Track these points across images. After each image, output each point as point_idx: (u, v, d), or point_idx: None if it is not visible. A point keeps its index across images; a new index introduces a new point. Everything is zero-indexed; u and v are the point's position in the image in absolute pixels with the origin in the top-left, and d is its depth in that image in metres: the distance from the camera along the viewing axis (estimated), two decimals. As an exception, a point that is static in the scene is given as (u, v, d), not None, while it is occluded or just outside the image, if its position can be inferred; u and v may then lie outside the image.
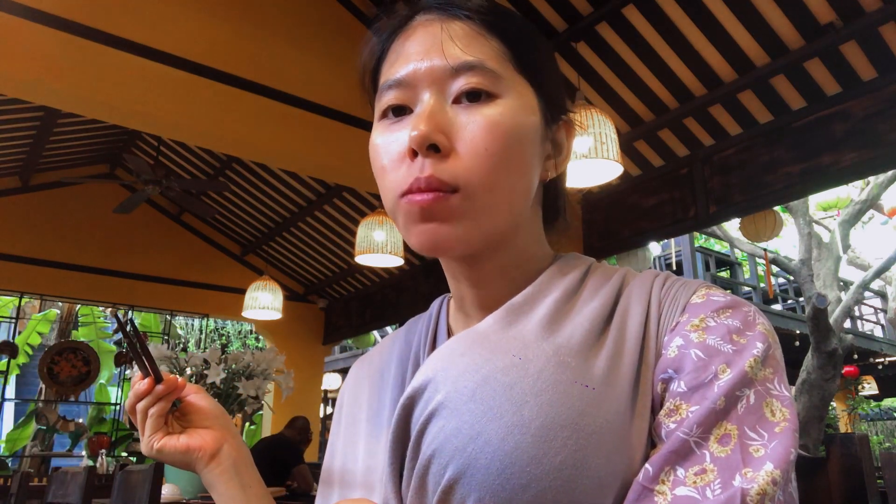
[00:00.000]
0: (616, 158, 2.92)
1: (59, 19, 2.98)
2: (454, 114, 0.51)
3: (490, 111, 0.51)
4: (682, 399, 0.45)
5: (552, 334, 0.49)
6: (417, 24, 0.54)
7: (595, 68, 3.57)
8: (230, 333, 13.12)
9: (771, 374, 0.46)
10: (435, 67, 0.51)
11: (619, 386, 0.47)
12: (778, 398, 0.45)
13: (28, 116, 4.92)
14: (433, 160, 0.50)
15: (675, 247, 9.03)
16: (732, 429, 0.43)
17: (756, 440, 0.42)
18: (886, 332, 10.93)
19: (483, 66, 0.51)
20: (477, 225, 0.51)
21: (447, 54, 0.51)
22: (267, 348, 3.63)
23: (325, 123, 3.71)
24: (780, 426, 0.43)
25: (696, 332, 0.48)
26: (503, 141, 0.50)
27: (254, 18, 3.68)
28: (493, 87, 0.51)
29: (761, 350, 0.46)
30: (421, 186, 0.50)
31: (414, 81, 0.52)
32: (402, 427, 0.49)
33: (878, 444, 10.57)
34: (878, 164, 3.05)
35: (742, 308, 0.49)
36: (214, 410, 0.68)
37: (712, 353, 0.46)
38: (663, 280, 0.54)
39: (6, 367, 6.94)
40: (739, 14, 3.02)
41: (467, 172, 0.49)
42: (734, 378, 0.44)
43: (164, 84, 3.26)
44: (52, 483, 2.50)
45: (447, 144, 0.50)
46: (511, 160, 0.51)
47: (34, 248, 5.80)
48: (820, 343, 6.02)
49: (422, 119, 0.50)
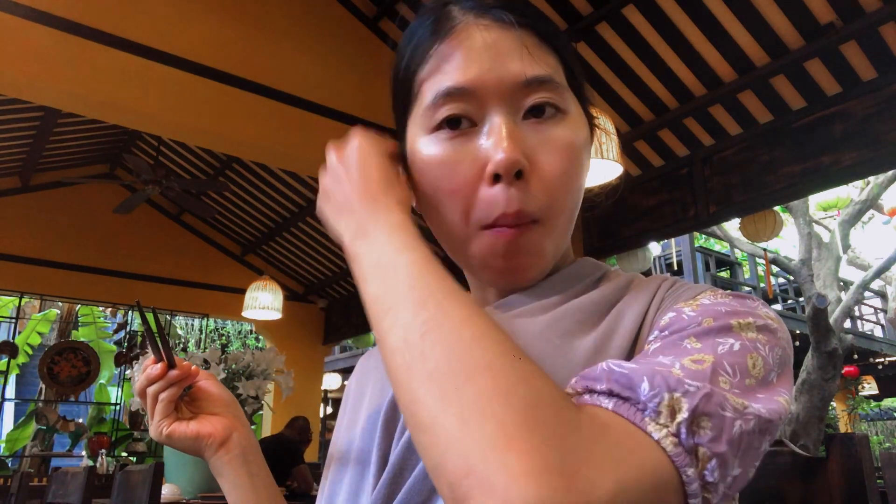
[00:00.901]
0: (616, 158, 2.92)
1: (59, 19, 2.98)
2: (526, 131, 0.48)
3: (562, 131, 0.49)
4: (659, 338, 0.43)
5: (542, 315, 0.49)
6: (469, 28, 0.49)
7: (595, 68, 3.56)
8: (230, 333, 13.12)
9: (764, 340, 0.42)
10: (505, 79, 0.48)
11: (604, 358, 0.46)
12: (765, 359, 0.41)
13: (28, 116, 4.91)
14: (518, 189, 0.47)
15: (675, 247, 9.03)
16: (708, 358, 0.39)
17: (728, 376, 0.39)
18: (886, 332, 10.93)
19: (553, 81, 0.49)
20: (554, 253, 0.51)
21: (520, 64, 0.48)
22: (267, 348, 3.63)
23: (325, 123, 3.71)
24: (749, 380, 0.40)
25: (688, 307, 0.45)
26: (575, 162, 0.49)
27: (254, 18, 3.68)
28: (562, 102, 0.49)
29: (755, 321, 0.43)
30: (509, 222, 0.47)
31: (481, 92, 0.48)
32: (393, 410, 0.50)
33: (878, 444, 10.57)
34: (878, 164, 3.05)
35: (747, 300, 0.47)
36: (225, 398, 0.68)
37: (702, 311, 0.44)
38: (671, 283, 0.53)
39: (6, 367, 6.94)
40: (739, 14, 3.02)
41: (548, 200, 0.48)
42: (715, 325, 0.42)
43: (164, 84, 3.26)
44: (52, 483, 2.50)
45: (529, 169, 0.47)
46: (578, 181, 0.50)
47: (34, 248, 5.80)
48: (820, 343, 6.02)
49: (506, 140, 0.46)
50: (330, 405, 11.73)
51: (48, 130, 5.18)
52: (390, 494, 0.46)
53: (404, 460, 0.46)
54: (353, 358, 11.17)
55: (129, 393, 6.32)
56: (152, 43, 3.23)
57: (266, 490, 0.67)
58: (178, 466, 2.63)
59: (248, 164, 5.43)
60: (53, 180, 5.92)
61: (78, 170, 6.21)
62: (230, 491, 0.66)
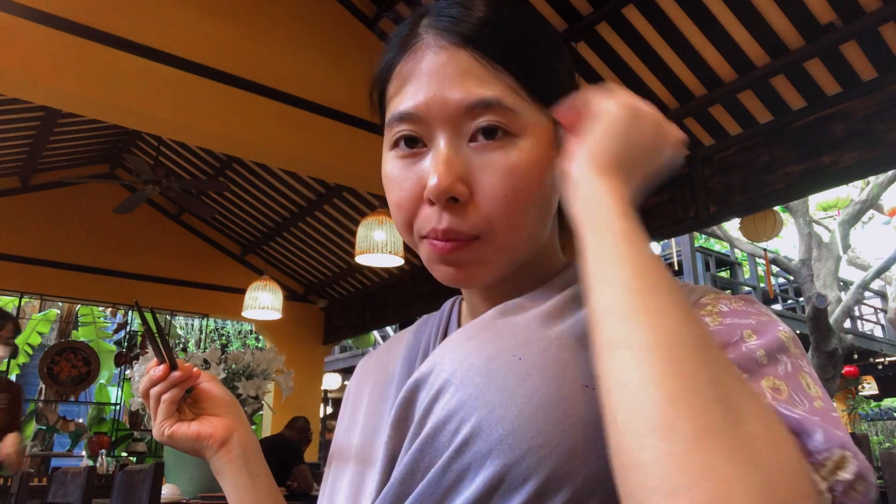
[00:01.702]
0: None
1: (59, 19, 2.98)
2: (470, 155, 0.49)
3: (507, 155, 0.49)
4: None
5: (555, 323, 0.49)
6: (426, 46, 0.51)
7: (595, 68, 3.57)
8: (230, 333, 13.12)
9: (801, 355, 0.44)
10: (449, 104, 0.49)
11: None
12: (811, 376, 0.43)
13: (28, 116, 4.92)
14: (451, 212, 0.49)
15: (675, 247, 9.04)
16: (781, 384, 0.41)
17: (801, 404, 0.40)
18: (886, 332, 10.94)
19: (499, 104, 0.48)
20: (498, 265, 0.52)
21: (462, 90, 0.48)
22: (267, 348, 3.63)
23: (325, 123, 3.71)
24: (817, 401, 0.41)
25: (710, 317, 0.47)
26: (523, 185, 0.49)
27: (254, 18, 3.68)
28: (509, 125, 0.49)
29: (787, 331, 0.45)
30: (438, 237, 0.49)
31: (427, 117, 0.49)
32: (405, 408, 0.49)
33: (878, 444, 10.57)
34: (878, 164, 3.05)
35: (755, 304, 0.49)
36: (226, 399, 0.69)
37: (734, 326, 0.45)
38: None
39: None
40: (739, 14, 3.02)
41: (487, 221, 0.49)
42: (770, 340, 0.43)
43: (164, 84, 3.26)
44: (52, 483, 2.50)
45: (466, 194, 0.48)
46: (530, 201, 0.50)
47: (34, 248, 5.81)
48: (820, 343, 6.03)
49: (439, 168, 0.48)
50: (330, 405, 11.74)
51: (48, 130, 5.18)
52: (401, 495, 0.46)
53: (417, 462, 0.46)
54: (353, 358, 11.18)
55: (129, 393, 6.32)
56: (152, 43, 3.23)
57: (267, 490, 0.67)
58: (178, 466, 2.63)
59: (248, 164, 5.43)
60: (53, 180, 5.93)
61: (78, 170, 6.21)
62: (231, 491, 0.66)
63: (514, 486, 0.41)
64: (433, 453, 0.45)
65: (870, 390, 10.93)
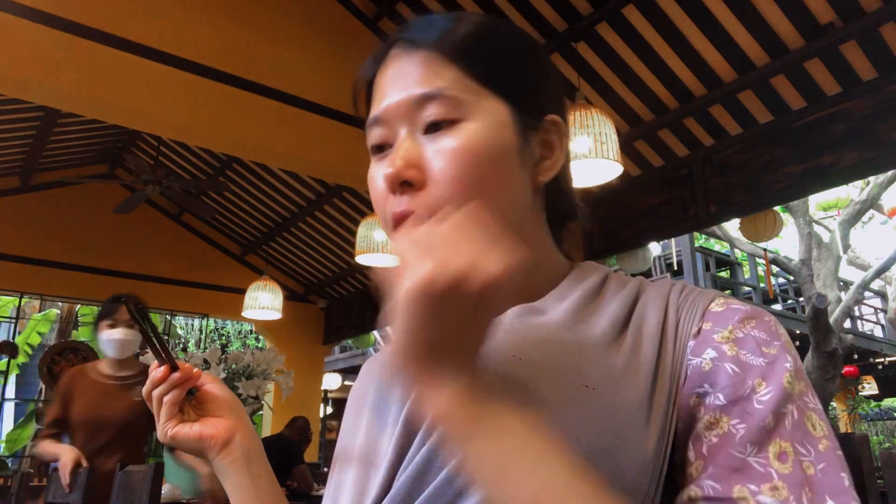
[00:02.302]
0: (616, 158, 2.92)
1: (59, 19, 2.98)
2: (425, 144, 0.52)
3: (453, 138, 0.52)
4: (722, 412, 0.46)
5: (574, 327, 0.50)
6: (391, 59, 0.56)
7: (595, 68, 3.57)
8: (230, 333, 13.12)
9: (805, 387, 0.47)
10: (401, 102, 0.53)
11: (636, 380, 0.47)
12: (815, 411, 0.46)
13: (28, 116, 4.92)
14: (409, 195, 0.52)
15: (675, 247, 9.04)
16: (787, 446, 0.43)
17: (806, 456, 0.43)
18: (886, 332, 10.93)
19: (441, 94, 0.52)
20: None
21: (412, 87, 0.53)
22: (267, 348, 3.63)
23: (325, 123, 3.71)
24: (822, 443, 0.44)
25: (727, 345, 0.48)
26: (470, 165, 0.51)
27: (254, 18, 3.68)
28: (454, 112, 0.52)
29: (792, 364, 0.47)
30: (396, 221, 0.53)
31: (389, 118, 0.54)
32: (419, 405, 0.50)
33: (878, 444, 10.57)
34: (878, 164, 3.05)
35: (764, 318, 0.50)
36: (229, 400, 0.70)
37: (746, 368, 0.47)
38: (680, 288, 0.55)
39: (6, 367, 6.94)
40: (739, 14, 3.02)
41: (440, 202, 0.51)
42: (777, 395, 0.45)
43: (164, 84, 3.26)
44: (52, 483, 2.50)
45: (420, 178, 0.52)
46: (483, 181, 0.51)
47: (34, 248, 5.80)
48: (820, 343, 6.03)
49: (393, 157, 0.53)
50: (330, 405, 11.74)
51: (48, 130, 5.18)
52: (411, 494, 0.47)
53: (429, 462, 0.46)
54: (353, 358, 11.17)
55: (129, 393, 6.31)
56: (152, 43, 3.23)
57: (269, 491, 0.67)
58: (178, 466, 2.63)
59: (248, 164, 5.43)
60: (53, 180, 5.92)
61: (78, 170, 6.21)
62: (232, 492, 0.67)
63: None
64: (447, 454, 0.45)
65: (870, 390, 10.93)
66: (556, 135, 0.57)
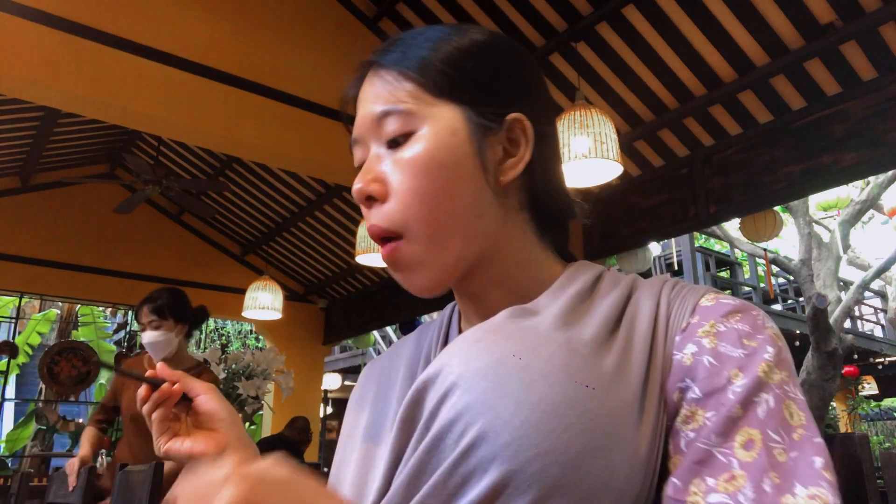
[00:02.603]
0: (616, 158, 2.92)
1: (59, 19, 2.98)
2: (389, 159, 0.55)
3: (407, 151, 0.53)
4: (698, 405, 0.46)
5: (564, 328, 0.50)
6: (365, 80, 0.58)
7: (595, 68, 3.57)
8: (230, 333, 13.12)
9: (786, 377, 0.47)
10: (366, 121, 0.56)
11: (628, 380, 0.47)
12: (795, 401, 0.46)
13: (28, 116, 4.92)
14: (374, 210, 0.55)
15: (675, 247, 9.04)
16: (755, 433, 0.44)
17: (779, 443, 0.43)
18: (886, 332, 10.93)
19: (395, 110, 0.54)
20: (435, 264, 0.54)
21: (371, 106, 0.56)
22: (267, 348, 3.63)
23: (325, 123, 3.71)
24: (797, 432, 0.44)
25: (707, 338, 0.49)
26: (423, 175, 0.53)
27: (254, 18, 3.68)
28: (409, 125, 0.54)
29: (772, 354, 0.47)
30: (372, 236, 0.55)
31: (361, 137, 0.57)
32: (413, 408, 0.49)
33: (878, 444, 10.57)
34: (878, 164, 3.05)
35: (751, 312, 0.50)
36: (222, 413, 0.67)
37: (724, 360, 0.47)
38: (672, 284, 0.55)
39: (6, 367, 6.95)
40: (739, 14, 3.02)
41: (402, 215, 0.53)
42: (749, 384, 0.45)
43: (164, 84, 3.26)
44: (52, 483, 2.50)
45: (383, 191, 0.54)
46: (439, 189, 0.53)
47: (34, 248, 5.80)
48: (820, 343, 6.02)
49: (359, 175, 0.55)
50: (330, 405, 11.73)
51: (48, 130, 5.18)
52: (408, 495, 0.47)
53: (424, 463, 0.46)
54: (352, 358, 11.17)
55: (129, 393, 6.32)
56: (152, 43, 3.23)
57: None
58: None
59: (248, 164, 5.43)
60: (53, 180, 5.92)
61: (78, 170, 6.21)
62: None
63: (517, 491, 0.42)
64: (440, 455, 0.45)
65: (870, 390, 10.93)
66: (520, 132, 0.56)
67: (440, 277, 0.55)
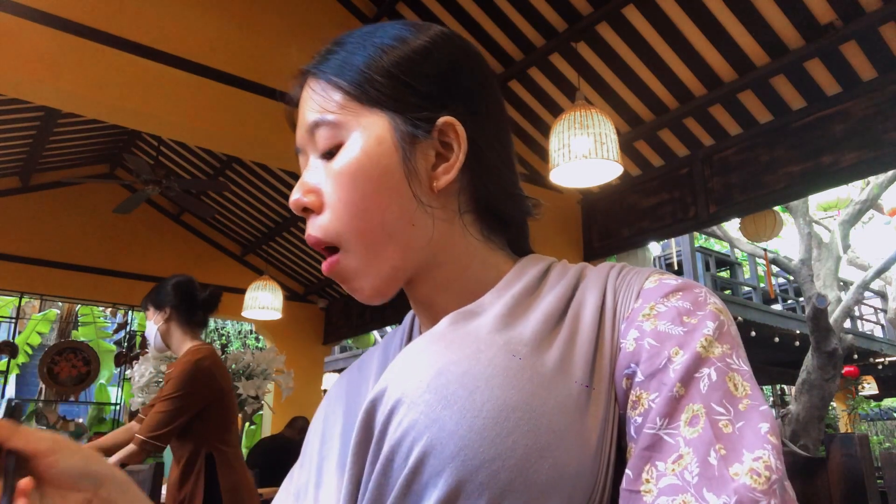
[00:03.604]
0: (616, 158, 2.92)
1: (59, 19, 2.98)
2: (321, 170, 0.55)
3: (336, 162, 0.54)
4: (641, 388, 0.46)
5: (505, 329, 0.49)
6: (303, 89, 0.58)
7: (595, 68, 3.56)
8: (230, 333, 13.12)
9: (728, 349, 0.46)
10: (302, 132, 0.56)
11: (571, 372, 0.47)
12: (738, 372, 0.45)
13: (28, 116, 4.91)
14: (311, 220, 0.55)
15: (675, 247, 9.03)
16: (699, 408, 0.43)
17: (723, 415, 0.43)
18: (886, 332, 10.93)
19: (324, 120, 0.54)
20: (373, 274, 0.55)
21: (305, 117, 0.56)
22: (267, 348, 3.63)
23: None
24: (742, 402, 0.44)
25: (648, 321, 0.48)
26: (352, 186, 0.53)
27: (254, 18, 3.68)
28: (338, 136, 0.54)
29: (713, 328, 0.47)
30: (312, 246, 0.56)
31: (302, 147, 0.57)
32: (364, 430, 0.48)
33: (878, 444, 10.58)
34: (878, 164, 3.05)
35: (693, 290, 0.50)
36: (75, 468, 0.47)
37: (663, 339, 0.47)
38: (619, 270, 0.54)
39: (6, 367, 6.95)
40: (739, 14, 3.02)
41: (335, 226, 0.54)
42: (688, 360, 0.45)
43: (164, 84, 3.26)
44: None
45: (317, 203, 0.55)
46: (366, 200, 0.53)
47: (34, 248, 5.80)
48: (820, 343, 6.02)
49: (296, 186, 0.56)
50: (330, 405, 11.71)
51: (48, 130, 5.18)
52: None
53: (381, 486, 0.46)
54: (353, 358, 11.17)
55: (130, 393, 6.32)
56: (152, 43, 3.23)
57: None
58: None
59: (248, 164, 5.43)
60: (53, 180, 5.92)
61: (78, 170, 6.21)
62: None
63: (469, 500, 0.41)
64: (394, 475, 0.45)
65: (870, 390, 10.93)
66: (453, 136, 0.54)
67: (379, 287, 0.55)
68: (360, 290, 0.56)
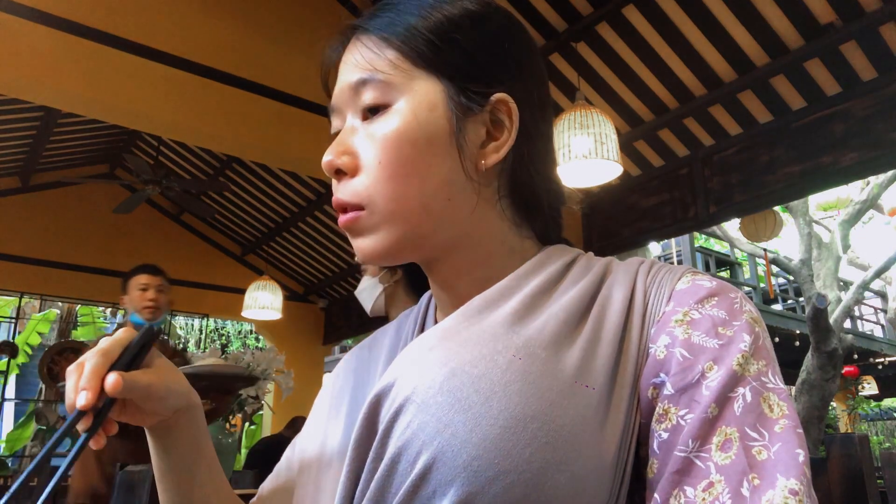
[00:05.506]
0: (616, 158, 2.92)
1: (59, 19, 2.98)
2: (362, 131, 0.53)
3: (380, 124, 0.51)
4: (671, 402, 0.44)
5: (524, 326, 0.47)
6: (349, 44, 0.56)
7: (595, 68, 3.56)
8: (230, 333, 13.12)
9: (764, 366, 0.44)
10: (344, 89, 0.54)
11: (592, 377, 0.44)
12: (774, 391, 0.43)
13: (28, 116, 4.91)
14: (342, 183, 0.53)
15: (675, 247, 9.04)
16: (732, 432, 0.41)
17: (757, 440, 0.41)
18: (886, 332, 10.94)
19: (373, 79, 0.52)
20: (389, 234, 0.52)
21: (350, 74, 0.53)
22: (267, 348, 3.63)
23: (325, 123, 3.70)
24: (779, 424, 0.41)
25: (680, 328, 0.46)
26: (394, 151, 0.50)
27: (254, 18, 3.68)
28: (386, 97, 0.51)
29: (749, 343, 0.44)
30: (336, 208, 0.54)
31: (339, 106, 0.55)
32: (367, 425, 0.47)
33: (878, 444, 10.58)
34: (878, 164, 3.05)
35: (728, 294, 0.47)
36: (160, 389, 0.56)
37: (697, 351, 0.44)
38: (649, 266, 0.52)
39: (6, 367, 6.95)
40: (739, 14, 3.02)
41: (367, 189, 0.51)
42: (723, 378, 0.43)
43: (164, 84, 3.26)
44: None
45: (352, 165, 0.52)
46: (408, 166, 0.50)
47: (34, 248, 5.80)
48: (820, 343, 6.02)
49: (331, 147, 0.53)
50: (330, 405, 11.71)
51: (48, 130, 5.17)
52: None
53: (384, 489, 0.44)
54: (353, 358, 11.17)
55: (129, 393, 6.31)
56: (152, 43, 3.23)
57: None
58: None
59: (248, 164, 5.43)
60: (53, 180, 5.92)
61: (78, 170, 6.21)
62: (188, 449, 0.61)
63: None
64: (398, 479, 0.43)
65: (870, 390, 10.93)
66: (505, 115, 0.52)
67: (388, 246, 0.52)
68: (369, 243, 0.53)
